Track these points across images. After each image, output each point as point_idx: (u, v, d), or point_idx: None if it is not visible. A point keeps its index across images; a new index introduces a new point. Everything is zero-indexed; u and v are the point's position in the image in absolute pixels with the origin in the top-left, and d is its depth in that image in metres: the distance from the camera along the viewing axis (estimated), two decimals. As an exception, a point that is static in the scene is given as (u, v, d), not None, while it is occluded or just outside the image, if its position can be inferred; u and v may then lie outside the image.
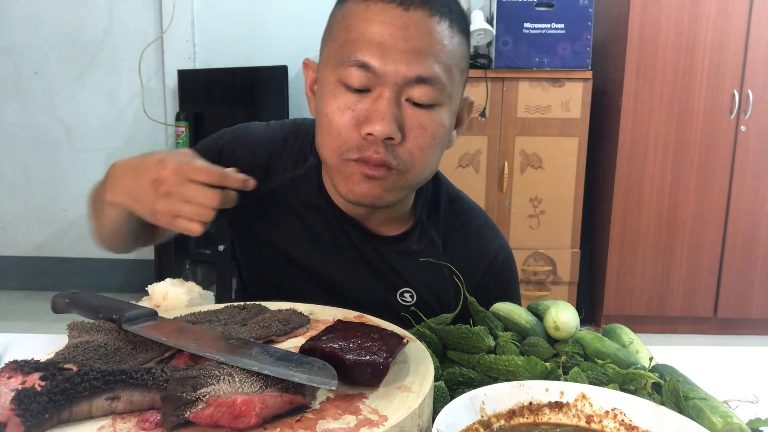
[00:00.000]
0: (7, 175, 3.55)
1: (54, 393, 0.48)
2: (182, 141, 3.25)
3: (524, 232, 2.94)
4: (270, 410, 0.50)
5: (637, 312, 3.00)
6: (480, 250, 0.99)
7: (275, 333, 0.67)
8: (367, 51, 0.76)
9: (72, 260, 3.56)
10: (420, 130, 0.79)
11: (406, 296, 0.96)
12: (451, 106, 0.82)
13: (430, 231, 0.98)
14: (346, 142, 0.79)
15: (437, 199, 1.00)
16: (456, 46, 0.80)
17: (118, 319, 0.61)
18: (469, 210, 1.02)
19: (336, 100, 0.79)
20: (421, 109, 0.78)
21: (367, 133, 0.77)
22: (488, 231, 1.01)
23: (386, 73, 0.76)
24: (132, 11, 3.39)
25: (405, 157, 0.80)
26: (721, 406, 0.61)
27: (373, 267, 0.96)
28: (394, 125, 0.76)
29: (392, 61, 0.75)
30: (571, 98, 2.83)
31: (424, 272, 0.96)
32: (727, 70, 2.82)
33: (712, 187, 2.91)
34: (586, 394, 0.58)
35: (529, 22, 2.77)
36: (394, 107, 0.77)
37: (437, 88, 0.78)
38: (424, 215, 0.98)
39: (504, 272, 1.01)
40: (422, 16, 0.76)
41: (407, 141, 0.79)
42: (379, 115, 0.76)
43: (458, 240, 0.98)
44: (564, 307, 0.75)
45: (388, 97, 0.76)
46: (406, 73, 0.76)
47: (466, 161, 2.89)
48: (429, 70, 0.76)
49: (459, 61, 0.81)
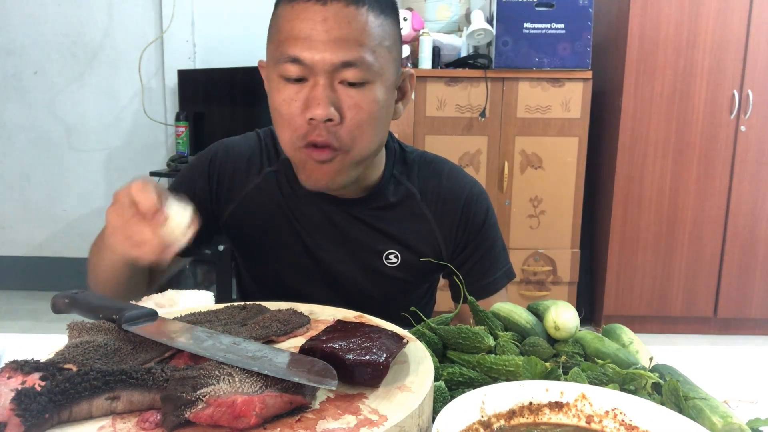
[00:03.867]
0: (7, 175, 3.55)
1: (54, 393, 0.48)
2: (182, 141, 3.25)
3: (524, 232, 2.94)
4: (270, 410, 0.50)
5: (637, 312, 3.00)
6: (454, 190, 1.07)
7: (275, 333, 0.67)
8: (296, 46, 0.85)
9: (72, 260, 3.56)
10: (356, 109, 0.87)
11: (392, 258, 1.04)
12: (384, 82, 0.89)
13: (404, 182, 1.06)
14: (296, 129, 0.88)
15: (405, 155, 1.08)
16: (378, 27, 0.87)
17: (118, 319, 0.61)
18: (437, 159, 1.11)
19: (281, 94, 0.88)
20: (353, 89, 0.86)
21: (309, 118, 0.85)
22: (458, 173, 1.10)
23: (315, 63, 0.84)
24: (132, 11, 3.39)
25: (345, 137, 0.88)
26: (721, 406, 0.61)
27: (355, 238, 1.03)
28: (331, 108, 0.85)
29: (318, 51, 0.84)
30: (571, 98, 2.83)
31: (406, 224, 1.04)
32: (727, 70, 2.82)
33: (712, 187, 2.91)
34: (586, 394, 0.58)
35: (529, 22, 2.77)
36: (329, 92, 0.85)
37: (364, 68, 0.86)
38: (396, 170, 1.06)
39: (481, 204, 1.08)
40: (339, 8, 0.85)
41: (346, 121, 0.87)
42: (316, 101, 0.85)
43: (433, 186, 1.06)
44: (564, 307, 0.75)
45: (322, 84, 0.85)
46: (332, 60, 0.84)
47: (466, 161, 2.89)
48: (352, 54, 0.84)
49: (383, 40, 0.88)
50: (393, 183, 1.05)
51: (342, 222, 1.03)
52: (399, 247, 1.04)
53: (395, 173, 1.06)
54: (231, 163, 1.06)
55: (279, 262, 1.06)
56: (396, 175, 1.06)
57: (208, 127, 3.32)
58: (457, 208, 1.06)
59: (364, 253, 1.04)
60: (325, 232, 1.03)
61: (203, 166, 1.07)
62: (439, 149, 2.82)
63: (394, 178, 1.05)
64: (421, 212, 1.05)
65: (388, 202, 1.04)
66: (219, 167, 1.06)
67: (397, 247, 1.04)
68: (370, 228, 1.03)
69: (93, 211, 3.54)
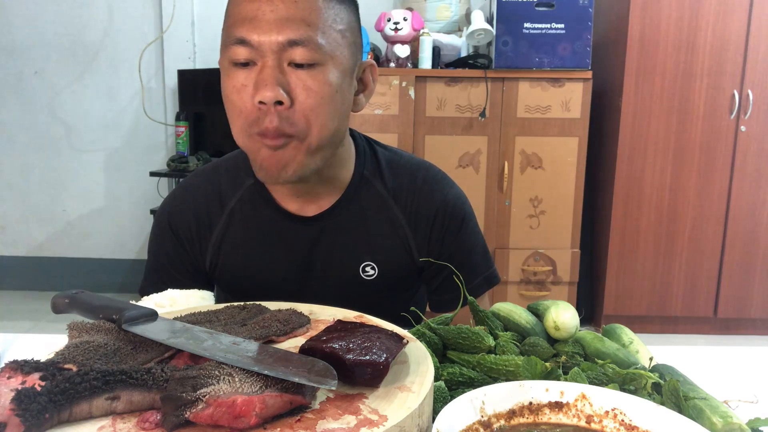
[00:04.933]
0: (7, 175, 3.54)
1: (54, 393, 0.48)
2: (182, 141, 3.25)
3: (524, 232, 2.94)
4: (270, 410, 0.50)
5: (637, 312, 3.00)
6: (428, 194, 1.03)
7: (275, 333, 0.67)
8: (242, 27, 0.83)
9: (72, 260, 3.56)
10: (307, 91, 0.84)
11: (368, 270, 1.00)
12: (336, 65, 0.86)
13: (376, 185, 1.02)
14: (247, 117, 0.85)
15: (377, 157, 1.04)
16: (329, 10, 0.85)
17: (118, 319, 0.61)
18: (411, 160, 1.07)
19: (231, 80, 0.85)
20: (303, 70, 0.83)
21: (258, 102, 0.82)
22: (434, 175, 1.06)
23: (261, 44, 0.82)
24: (132, 11, 3.39)
25: (299, 122, 0.84)
26: (721, 406, 0.61)
27: (328, 254, 1.00)
28: (279, 89, 0.82)
29: (264, 32, 0.82)
30: (571, 98, 2.83)
31: (379, 231, 1.00)
32: (727, 70, 2.82)
33: (712, 187, 2.91)
34: (586, 394, 0.58)
35: (529, 22, 2.77)
36: (278, 73, 0.82)
37: (312, 48, 0.83)
38: (367, 171, 1.02)
39: (457, 209, 1.04)
40: None
41: (297, 104, 0.84)
42: (264, 82, 0.82)
43: (407, 189, 1.03)
44: (564, 307, 0.75)
45: (270, 65, 0.82)
46: (278, 39, 0.82)
47: (466, 161, 2.89)
48: (299, 33, 0.82)
49: (336, 24, 0.86)
50: (364, 185, 1.01)
51: (314, 239, 0.99)
52: (375, 258, 1.00)
53: (366, 174, 1.02)
54: (194, 209, 1.02)
55: (264, 290, 1.00)
56: (367, 176, 1.02)
57: (208, 127, 3.32)
58: (431, 215, 1.02)
59: (340, 269, 1.00)
60: (298, 253, 1.00)
61: (165, 234, 1.03)
62: (439, 149, 2.85)
63: (365, 179, 1.01)
64: (395, 217, 1.01)
65: (360, 207, 1.00)
66: (179, 226, 1.02)
67: (373, 258, 1.00)
68: (343, 240, 1.00)
69: (93, 211, 3.54)
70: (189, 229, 1.02)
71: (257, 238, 1.01)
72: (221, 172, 1.04)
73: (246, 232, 1.01)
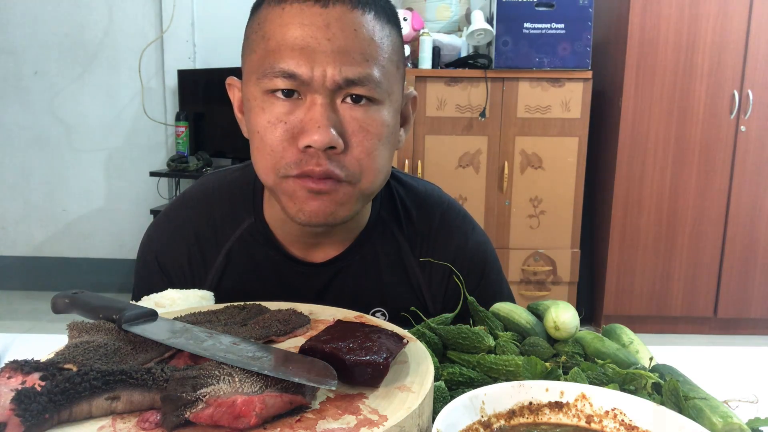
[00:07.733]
0: (7, 175, 3.55)
1: (54, 393, 0.48)
2: (182, 141, 3.25)
3: (524, 232, 2.94)
4: (270, 410, 0.49)
5: (637, 312, 3.01)
6: (445, 242, 0.92)
7: (275, 333, 0.66)
8: (291, 59, 0.69)
9: (72, 260, 3.56)
10: (363, 133, 0.72)
11: (378, 315, 0.90)
12: (391, 103, 0.75)
13: (393, 229, 0.91)
14: (282, 158, 0.72)
15: (391, 192, 0.93)
16: (386, 39, 0.73)
17: (118, 319, 0.61)
18: (427, 196, 0.95)
19: (265, 114, 0.72)
20: (358, 106, 0.72)
21: (305, 146, 0.70)
22: (453, 217, 0.94)
23: (314, 79, 0.69)
24: (132, 11, 3.39)
25: (353, 167, 0.73)
26: (721, 406, 0.61)
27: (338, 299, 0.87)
28: (332, 132, 0.69)
29: (319, 65, 0.69)
30: (571, 98, 2.83)
31: (393, 279, 0.90)
32: (727, 70, 2.82)
33: (712, 187, 2.91)
34: (586, 394, 0.58)
35: (529, 22, 2.77)
36: (330, 113, 0.70)
37: (371, 87, 0.71)
38: (384, 211, 0.91)
39: (477, 257, 0.93)
40: (343, 11, 0.70)
41: (351, 148, 0.72)
42: (315, 124, 0.69)
43: (423, 234, 0.92)
44: (564, 307, 0.75)
45: (321, 103, 0.70)
46: (335, 77, 0.69)
47: (466, 161, 2.89)
48: (358, 70, 0.70)
49: (391, 54, 0.74)
50: (380, 228, 0.90)
51: (323, 287, 0.89)
52: (385, 305, 0.90)
53: (383, 215, 0.90)
54: (181, 252, 0.89)
55: None
56: (383, 218, 0.90)
57: (208, 127, 3.32)
58: (447, 263, 0.90)
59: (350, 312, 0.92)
60: (303, 301, 0.88)
61: (153, 271, 0.90)
62: (439, 149, 2.85)
63: (381, 221, 0.90)
64: (409, 264, 0.90)
65: (374, 252, 0.89)
66: (170, 265, 0.90)
67: (383, 305, 0.90)
68: (354, 288, 0.89)
69: (93, 211, 3.54)
70: (181, 268, 0.90)
71: (259, 286, 0.89)
72: (213, 203, 0.90)
73: (246, 278, 0.89)
